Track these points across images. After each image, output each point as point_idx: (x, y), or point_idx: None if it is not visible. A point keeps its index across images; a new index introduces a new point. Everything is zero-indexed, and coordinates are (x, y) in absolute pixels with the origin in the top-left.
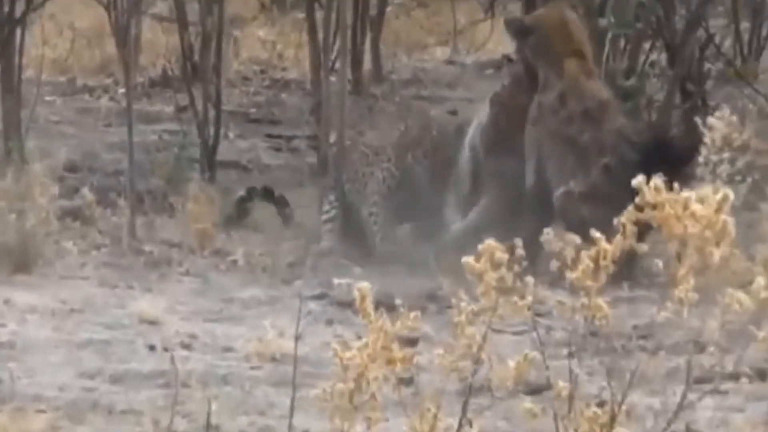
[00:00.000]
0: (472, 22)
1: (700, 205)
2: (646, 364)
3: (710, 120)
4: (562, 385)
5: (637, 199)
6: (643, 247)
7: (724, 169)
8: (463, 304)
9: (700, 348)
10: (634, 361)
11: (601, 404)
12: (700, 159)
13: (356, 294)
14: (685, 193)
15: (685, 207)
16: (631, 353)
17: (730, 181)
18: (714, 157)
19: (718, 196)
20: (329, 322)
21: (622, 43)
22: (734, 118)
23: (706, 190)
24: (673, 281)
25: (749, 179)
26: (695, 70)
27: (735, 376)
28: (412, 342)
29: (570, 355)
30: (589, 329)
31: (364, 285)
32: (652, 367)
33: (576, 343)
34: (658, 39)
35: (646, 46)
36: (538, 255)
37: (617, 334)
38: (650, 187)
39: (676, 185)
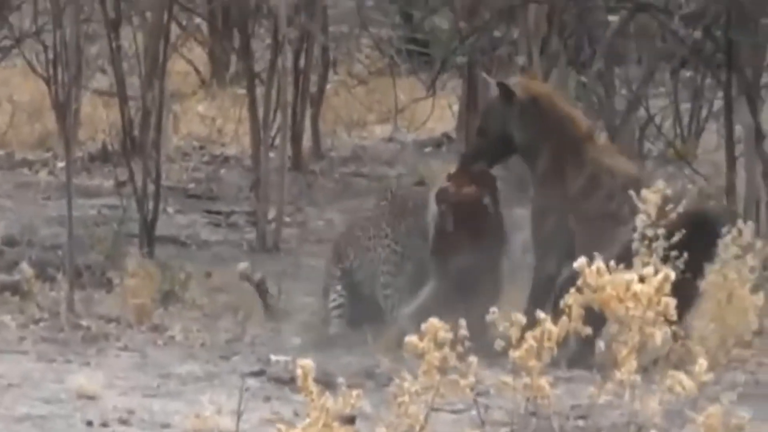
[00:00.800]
0: (413, 100)
1: (641, 286)
2: None
3: (644, 193)
4: None
5: (578, 282)
6: (587, 330)
7: (659, 244)
8: (406, 384)
9: (638, 429)
10: None
11: None
12: (635, 235)
13: (297, 371)
14: (627, 275)
15: (627, 288)
16: None
17: (666, 257)
18: (650, 232)
19: (659, 277)
20: (267, 399)
21: None
22: (669, 190)
23: (648, 270)
24: (614, 362)
25: (686, 254)
26: (635, 150)
27: None
28: (350, 420)
29: None
30: (528, 409)
31: (306, 363)
32: None
33: (515, 423)
34: (598, 119)
35: None
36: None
37: (556, 413)
38: (592, 269)
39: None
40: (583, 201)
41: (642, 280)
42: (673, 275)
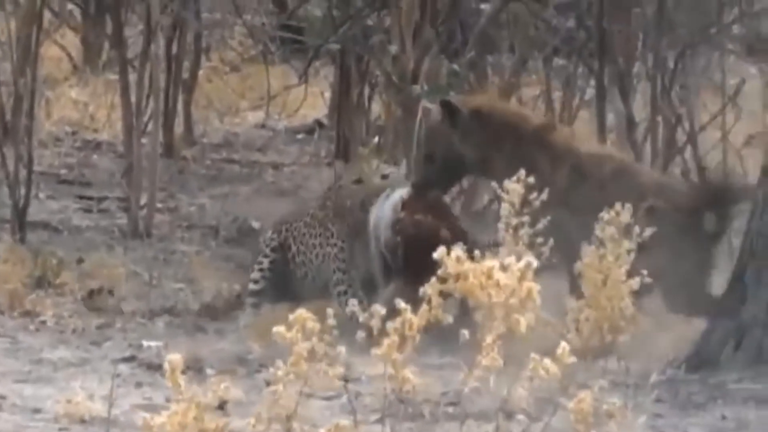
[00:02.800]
0: (286, 87)
1: (503, 274)
2: (455, 431)
3: (506, 183)
4: None
5: (439, 271)
6: (449, 318)
7: (525, 231)
8: (280, 372)
9: (508, 415)
10: (441, 428)
11: None
12: (500, 224)
13: (166, 363)
14: (488, 262)
15: (489, 276)
16: (439, 420)
17: (531, 244)
18: (514, 220)
19: (521, 264)
20: (138, 385)
21: None
22: (531, 179)
23: (510, 258)
24: (479, 349)
25: (551, 240)
26: None
27: None
28: (221, 406)
29: (380, 421)
30: (398, 396)
31: (175, 357)
32: None
33: (385, 410)
34: None
35: None
36: None
37: (426, 400)
38: (452, 257)
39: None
40: (572, 193)
41: (504, 268)
42: (535, 263)
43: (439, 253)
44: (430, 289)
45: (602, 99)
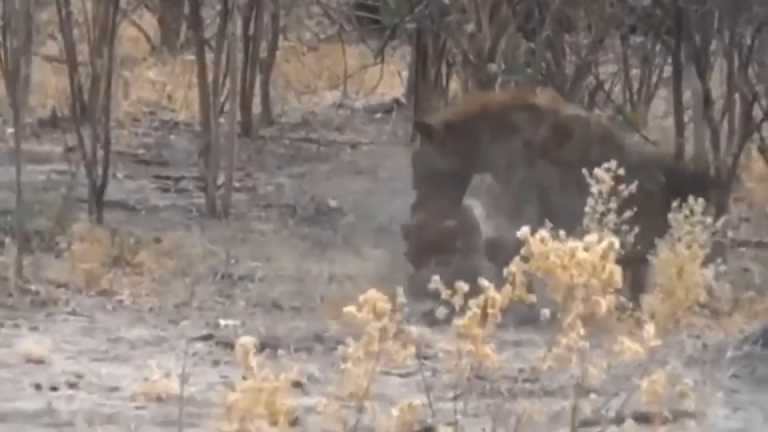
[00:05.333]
0: (362, 66)
1: (585, 254)
2: (532, 408)
3: (597, 171)
4: (446, 428)
5: (522, 250)
6: (532, 297)
7: (610, 219)
8: (350, 349)
9: (585, 392)
10: (519, 404)
11: None
12: (587, 209)
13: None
14: (571, 243)
15: (571, 256)
16: (517, 396)
17: (617, 231)
18: (601, 208)
19: (603, 245)
20: (215, 363)
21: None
22: (621, 170)
23: (592, 238)
24: (560, 328)
25: (636, 229)
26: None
27: (619, 420)
28: (297, 384)
29: (455, 398)
30: (475, 372)
31: (246, 339)
32: (538, 411)
33: (462, 386)
34: (548, 84)
35: None
36: None
37: (503, 377)
38: (536, 237)
39: None
40: (556, 150)
41: (587, 248)
42: (617, 244)
43: (523, 232)
44: (514, 267)
45: (679, 76)
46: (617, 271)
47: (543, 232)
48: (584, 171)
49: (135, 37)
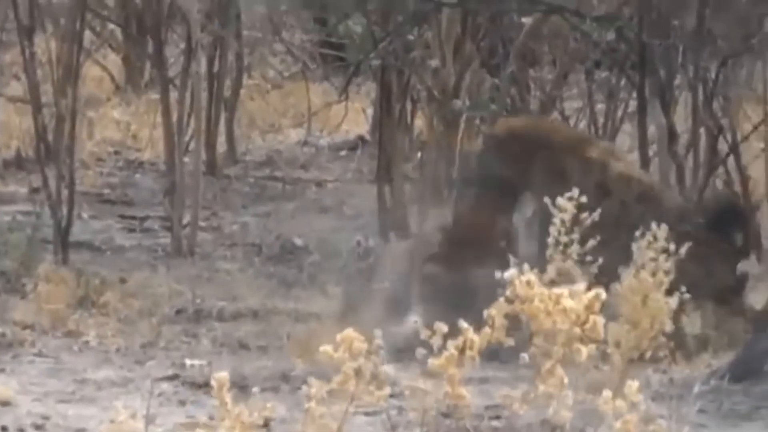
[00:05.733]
0: (327, 104)
1: (570, 301)
2: None
3: (559, 200)
4: None
5: (507, 293)
6: (510, 341)
7: (574, 249)
8: (313, 390)
9: (552, 428)
10: None
11: None
12: (549, 239)
13: (212, 376)
14: (556, 289)
15: (556, 302)
16: None
17: (580, 261)
18: (564, 238)
19: (590, 295)
20: (181, 403)
21: (477, 124)
22: (584, 198)
23: (579, 286)
24: (537, 374)
25: (600, 260)
26: None
27: None
28: (265, 424)
29: None
30: (441, 410)
31: (222, 375)
32: None
33: (428, 424)
34: None
35: None
36: None
37: (469, 414)
38: (522, 280)
39: None
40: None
41: (572, 296)
42: (604, 295)
43: (510, 273)
44: (494, 310)
45: (643, 111)
46: (600, 323)
47: (530, 275)
48: (547, 200)
49: (99, 76)
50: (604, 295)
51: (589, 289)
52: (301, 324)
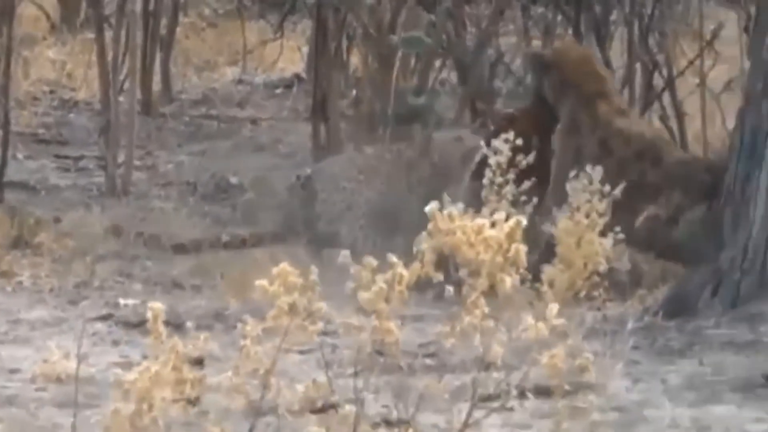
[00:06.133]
0: (262, 41)
1: (492, 231)
2: (433, 383)
3: (494, 143)
4: (348, 405)
5: (429, 226)
6: (439, 276)
7: (509, 190)
8: (248, 328)
9: (486, 366)
10: (419, 380)
11: (387, 423)
12: (485, 181)
13: (146, 314)
14: (478, 220)
15: (478, 233)
16: (417, 372)
17: (515, 202)
18: (499, 179)
19: (511, 222)
20: (115, 343)
21: (412, 61)
22: (519, 141)
23: (499, 215)
24: (464, 306)
25: (534, 200)
26: (486, 88)
27: (520, 394)
28: (198, 361)
29: (356, 375)
30: (375, 348)
31: (157, 305)
32: (439, 386)
33: (362, 362)
34: (448, 57)
35: (437, 64)
36: None
37: (403, 352)
38: (443, 213)
39: None
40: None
41: (493, 225)
42: (524, 221)
43: (431, 207)
44: (422, 244)
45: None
46: (522, 250)
47: (452, 209)
48: (482, 144)
49: (35, 15)
50: (524, 222)
51: (508, 218)
52: (236, 262)
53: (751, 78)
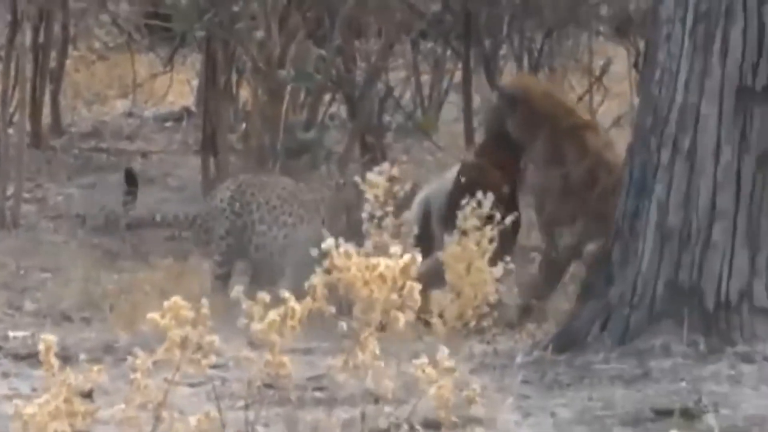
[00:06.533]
0: (152, 75)
1: (387, 267)
2: (323, 416)
3: (369, 176)
4: None
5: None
6: (331, 309)
7: (389, 222)
8: (138, 361)
9: (376, 400)
10: (309, 413)
11: None
12: (364, 215)
13: (37, 347)
14: (374, 258)
15: (373, 270)
16: (306, 405)
17: (396, 234)
18: (379, 212)
19: (406, 258)
20: (5, 375)
21: (301, 95)
22: (395, 171)
23: (396, 249)
24: (356, 342)
25: (416, 227)
26: (375, 123)
27: (409, 427)
28: (88, 394)
29: (246, 408)
30: (265, 381)
31: (49, 338)
32: (329, 419)
33: (252, 395)
34: (338, 91)
35: (326, 98)
36: None
37: (293, 385)
38: (339, 250)
39: None
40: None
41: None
42: (420, 259)
43: (327, 244)
44: (315, 279)
45: (469, 82)
46: (416, 288)
47: (348, 246)
48: (357, 178)
49: None
50: (419, 258)
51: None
52: (125, 295)
53: (640, 113)
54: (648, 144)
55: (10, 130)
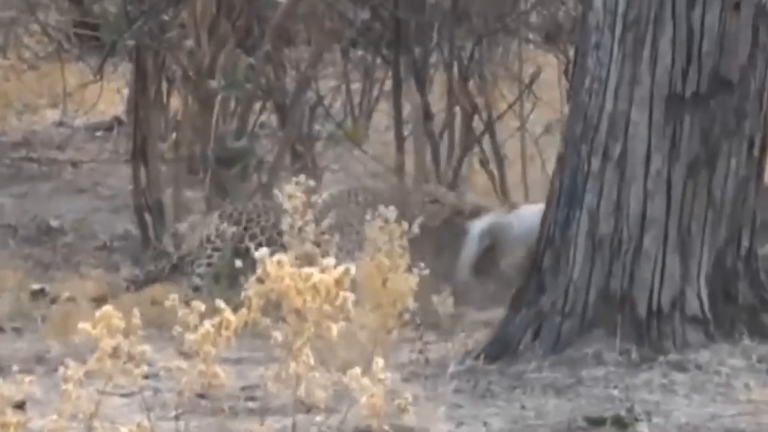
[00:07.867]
0: (82, 84)
1: (321, 277)
2: (254, 426)
3: (287, 188)
4: None
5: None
6: (266, 321)
7: (310, 230)
8: (70, 372)
9: (307, 409)
10: (241, 422)
11: None
12: (285, 227)
13: None
14: (308, 269)
15: (306, 280)
16: (239, 415)
17: (317, 242)
18: (299, 222)
19: (340, 269)
20: None
21: (232, 104)
22: (311, 182)
23: (329, 261)
24: (289, 352)
25: (337, 235)
26: (305, 132)
27: None
28: (20, 405)
29: (177, 418)
30: (197, 391)
31: None
32: (260, 429)
33: (183, 405)
34: (268, 100)
35: (257, 107)
36: None
37: (225, 395)
38: (273, 260)
39: None
40: None
41: (323, 272)
42: (353, 270)
43: (260, 253)
44: (250, 290)
45: (399, 90)
46: (350, 298)
47: (281, 256)
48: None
49: None
50: (353, 270)
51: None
52: (56, 305)
53: (570, 121)
54: (578, 152)
55: None
